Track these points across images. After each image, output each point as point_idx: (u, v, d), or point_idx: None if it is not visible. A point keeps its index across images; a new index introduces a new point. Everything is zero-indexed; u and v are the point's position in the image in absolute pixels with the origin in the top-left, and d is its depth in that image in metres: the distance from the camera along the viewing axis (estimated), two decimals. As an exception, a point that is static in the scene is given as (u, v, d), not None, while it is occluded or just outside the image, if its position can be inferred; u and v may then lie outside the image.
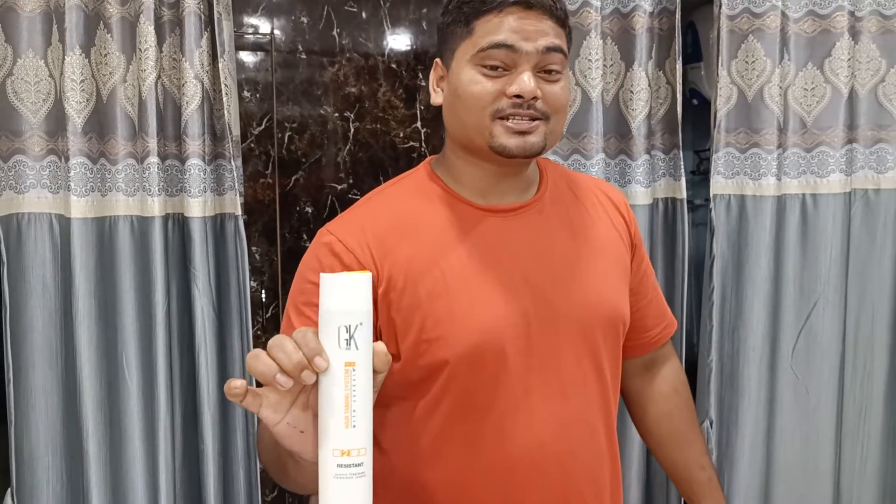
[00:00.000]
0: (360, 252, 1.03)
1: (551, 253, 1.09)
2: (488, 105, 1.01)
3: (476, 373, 1.03)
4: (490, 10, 1.00)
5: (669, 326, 1.31)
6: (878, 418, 1.95)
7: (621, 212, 1.20)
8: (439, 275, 1.03)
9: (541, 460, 1.06)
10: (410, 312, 1.02)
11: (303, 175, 3.04)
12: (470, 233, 1.06)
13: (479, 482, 1.06)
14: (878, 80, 1.86)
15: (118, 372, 1.57)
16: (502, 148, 1.02)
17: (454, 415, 1.05)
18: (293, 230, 3.07)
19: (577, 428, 1.08)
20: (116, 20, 1.52)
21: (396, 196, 1.12)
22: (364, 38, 3.04)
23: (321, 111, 3.02)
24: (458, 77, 1.04)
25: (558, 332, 1.06)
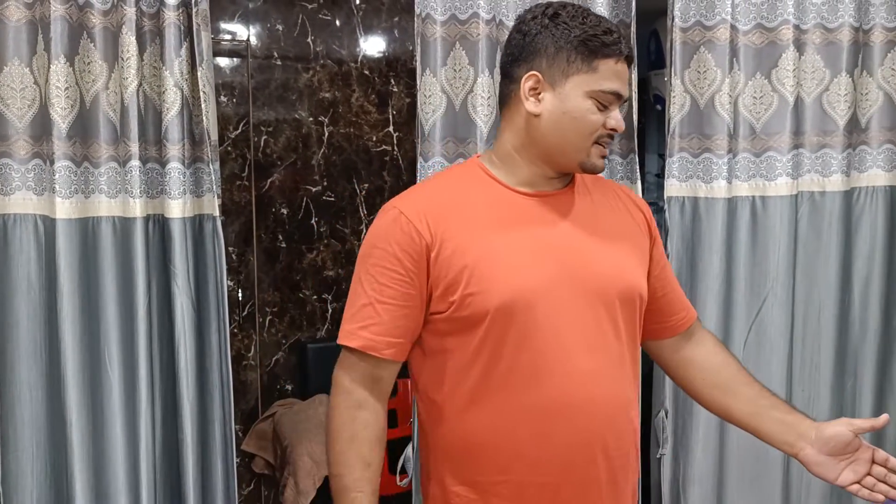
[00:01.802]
0: (418, 222, 1.22)
1: (579, 232, 1.28)
2: (594, 133, 1.23)
3: (509, 324, 1.20)
4: (611, 56, 1.21)
5: (691, 313, 1.46)
6: (825, 408, 2.06)
7: (641, 209, 1.39)
8: (483, 242, 1.22)
9: (567, 407, 1.22)
10: (459, 272, 1.21)
11: (278, 177, 3.12)
12: (510, 211, 1.26)
13: (513, 423, 1.22)
14: (823, 89, 1.97)
15: (101, 366, 1.64)
16: (593, 167, 1.26)
17: (491, 362, 1.21)
18: (269, 231, 3.14)
19: (599, 380, 1.24)
20: (99, 30, 1.59)
21: (448, 180, 1.34)
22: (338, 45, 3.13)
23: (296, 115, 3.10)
24: (575, 103, 1.22)
25: (581, 297, 1.24)
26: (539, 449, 1.22)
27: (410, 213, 1.23)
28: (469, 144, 1.81)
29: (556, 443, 1.22)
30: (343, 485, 1.22)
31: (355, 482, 1.22)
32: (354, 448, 1.22)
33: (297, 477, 2.55)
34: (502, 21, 1.80)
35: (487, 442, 1.23)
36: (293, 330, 3.21)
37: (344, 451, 1.23)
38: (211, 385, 1.74)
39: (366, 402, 1.24)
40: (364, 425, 1.23)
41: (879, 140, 2.01)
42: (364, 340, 1.22)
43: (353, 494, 1.21)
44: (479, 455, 1.24)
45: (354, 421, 1.23)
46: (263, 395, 3.18)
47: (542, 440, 1.22)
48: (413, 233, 1.21)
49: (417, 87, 1.79)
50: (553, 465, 1.23)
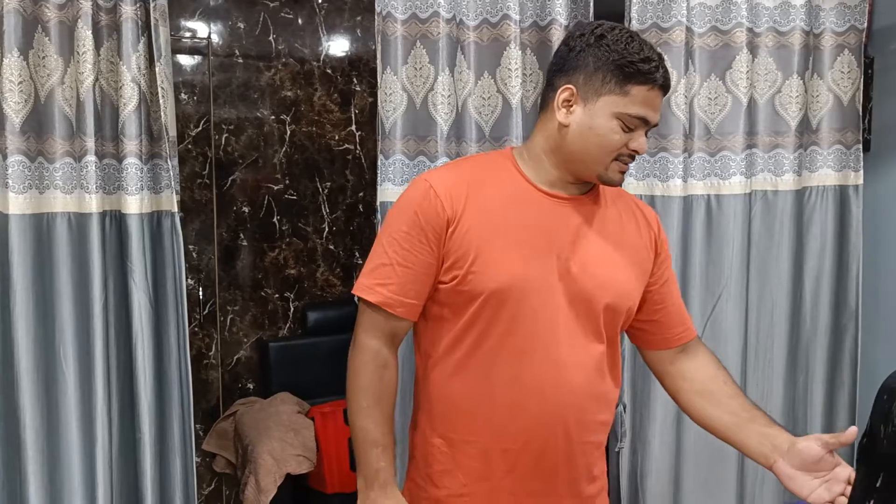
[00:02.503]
0: (444, 196, 1.32)
1: (585, 238, 1.36)
2: (615, 151, 1.31)
3: (501, 308, 1.31)
4: (645, 84, 1.28)
5: (691, 330, 1.51)
6: (779, 402, 2.11)
7: (651, 226, 1.46)
8: (495, 228, 1.32)
9: (541, 390, 1.33)
10: (468, 248, 1.31)
11: (240, 176, 3.10)
12: (527, 205, 1.35)
13: (490, 395, 1.34)
14: (775, 91, 2.02)
15: (55, 364, 1.62)
16: (610, 181, 1.34)
17: (481, 338, 1.33)
18: (230, 229, 3.12)
19: (574, 372, 1.34)
20: (54, 24, 1.57)
21: (480, 164, 1.43)
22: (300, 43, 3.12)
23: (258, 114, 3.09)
24: (601, 121, 1.30)
25: (572, 297, 1.34)
26: (508, 421, 1.34)
27: (439, 187, 1.33)
28: (429, 142, 1.82)
29: (524, 418, 1.34)
30: (372, 438, 1.35)
31: (383, 435, 1.35)
32: (382, 406, 1.35)
33: (258, 475, 2.54)
34: (462, 20, 1.82)
35: (465, 406, 1.35)
36: (255, 329, 3.19)
37: (372, 406, 1.35)
38: (169, 383, 1.72)
39: (389, 362, 1.37)
40: (388, 384, 1.37)
41: (829, 141, 2.07)
42: (381, 297, 1.34)
43: (381, 448, 1.35)
44: (456, 416, 1.37)
45: (381, 380, 1.36)
46: (225, 395, 3.16)
47: (512, 414, 1.34)
48: (438, 206, 1.31)
49: (378, 85, 1.80)
50: (518, 436, 1.34)
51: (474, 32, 1.83)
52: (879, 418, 1.13)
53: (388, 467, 1.35)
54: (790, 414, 2.14)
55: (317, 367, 3.00)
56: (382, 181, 1.82)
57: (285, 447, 2.61)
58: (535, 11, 1.85)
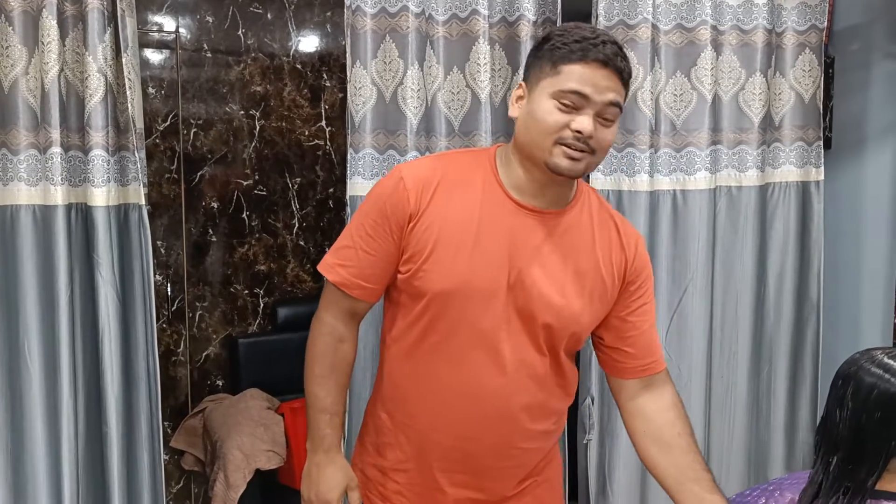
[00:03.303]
0: (412, 190, 1.33)
1: (543, 253, 1.35)
2: (555, 132, 1.27)
3: (445, 310, 1.34)
4: (576, 61, 1.26)
5: (658, 363, 1.47)
6: (743, 393, 2.16)
7: (626, 253, 1.43)
8: (455, 230, 1.33)
9: (472, 392, 1.36)
10: (424, 244, 1.33)
11: (208, 171, 3.07)
12: (493, 211, 1.34)
13: (428, 385, 1.38)
14: (739, 88, 2.06)
15: (20, 358, 1.60)
16: (556, 166, 1.29)
17: (427, 331, 1.36)
18: (199, 225, 3.10)
19: (508, 381, 1.36)
20: (18, 13, 1.56)
21: (458, 161, 1.41)
22: (269, 38, 3.10)
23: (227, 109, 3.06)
24: (538, 104, 1.29)
25: (516, 312, 1.34)
26: (441, 416, 1.39)
27: (409, 180, 1.34)
28: (399, 136, 1.83)
29: (456, 417, 1.38)
30: (322, 405, 1.42)
31: (333, 404, 1.43)
32: (335, 376, 1.42)
33: (227, 471, 2.52)
34: (431, 15, 1.83)
35: (407, 390, 1.41)
36: (224, 325, 3.17)
37: (325, 375, 1.41)
38: (137, 378, 1.71)
39: (345, 336, 1.43)
40: (343, 357, 1.43)
41: (791, 138, 2.11)
42: (339, 277, 1.38)
43: (329, 416, 1.42)
44: (399, 397, 1.42)
45: (336, 352, 1.42)
46: (193, 391, 3.13)
47: (445, 410, 1.38)
48: (404, 199, 1.33)
49: (348, 79, 1.80)
50: (449, 431, 1.39)
51: (443, 27, 1.84)
52: (835, 403, 1.17)
53: (333, 434, 1.43)
54: (754, 406, 2.18)
55: (287, 364, 2.98)
56: (352, 175, 1.82)
57: (255, 442, 2.59)
58: (503, 7, 1.87)
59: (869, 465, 1.11)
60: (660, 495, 2.07)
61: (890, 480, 1.12)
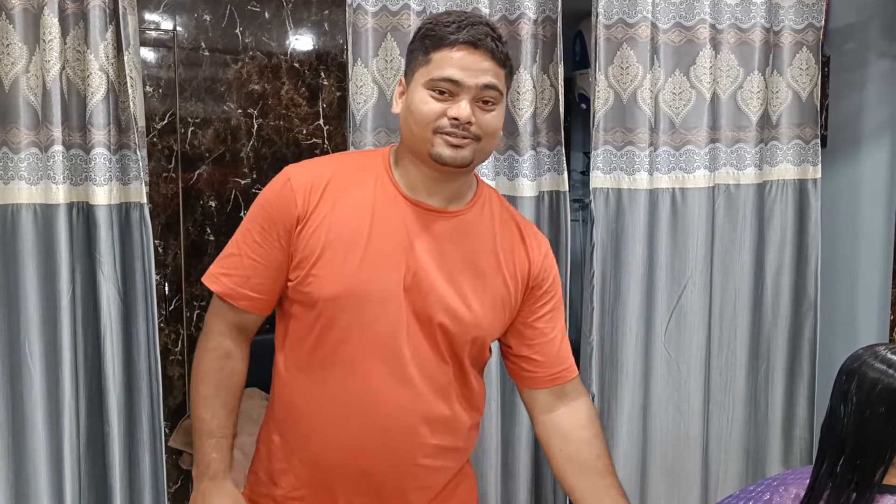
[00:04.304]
0: (299, 192, 1.27)
1: (440, 255, 1.29)
2: (432, 122, 1.23)
3: (337, 316, 1.26)
4: (445, 46, 1.23)
5: (569, 371, 1.42)
6: (741, 390, 2.17)
7: (530, 257, 1.38)
8: (344, 232, 1.26)
9: (368, 406, 1.28)
10: (313, 248, 1.26)
11: (206, 170, 3.06)
12: (386, 211, 1.28)
13: (320, 401, 1.30)
14: (737, 87, 2.07)
15: (21, 358, 1.59)
16: (438, 156, 1.24)
17: (318, 342, 1.28)
18: (196, 224, 3.08)
19: (407, 392, 1.28)
20: (19, 11, 1.55)
21: (350, 162, 1.37)
22: (267, 37, 3.10)
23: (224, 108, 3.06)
24: (414, 95, 1.26)
25: (413, 315, 1.28)
26: (333, 433, 1.30)
27: (297, 182, 1.28)
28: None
29: (348, 433, 1.30)
30: (207, 429, 1.32)
31: (219, 427, 1.33)
32: (221, 395, 1.32)
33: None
34: (433, 12, 1.83)
35: (299, 408, 1.32)
36: (222, 325, 3.16)
37: (210, 395, 1.32)
38: (138, 377, 1.71)
39: (233, 352, 1.33)
40: (230, 374, 1.33)
41: (789, 136, 2.12)
42: (224, 287, 1.31)
43: (215, 439, 1.32)
44: (290, 416, 1.34)
45: (222, 370, 1.32)
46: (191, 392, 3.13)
47: (336, 425, 1.30)
48: (291, 202, 1.27)
49: (349, 77, 1.80)
50: (339, 450, 1.30)
51: (444, 26, 1.84)
52: (839, 398, 1.17)
53: (220, 459, 1.33)
54: (752, 402, 2.19)
55: (285, 363, 2.98)
56: (353, 173, 1.82)
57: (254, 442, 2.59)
58: (504, 5, 1.87)
59: (875, 459, 1.12)
60: (659, 494, 2.09)
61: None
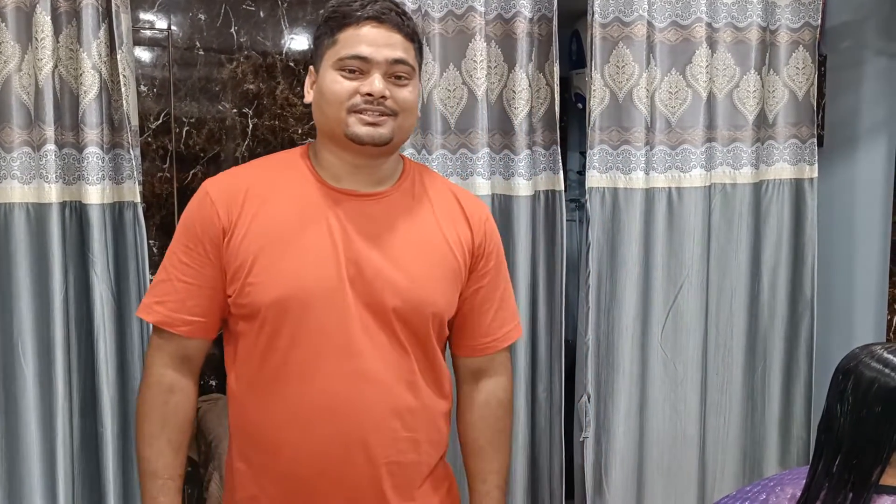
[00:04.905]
0: (219, 203, 1.23)
1: (378, 238, 1.25)
2: (345, 101, 1.20)
3: (283, 320, 1.21)
4: (349, 24, 1.20)
5: (500, 341, 1.38)
6: (738, 390, 2.16)
7: (471, 225, 1.33)
8: (274, 234, 1.22)
9: (329, 407, 1.22)
10: (245, 258, 1.21)
11: (201, 170, 3.05)
12: (313, 205, 1.24)
13: (279, 416, 1.23)
14: (733, 86, 2.07)
15: (14, 358, 1.58)
16: (355, 135, 1.21)
17: (267, 354, 1.23)
18: (192, 224, 3.08)
19: (368, 386, 1.22)
20: (11, 10, 1.54)
21: (268, 165, 1.32)
22: (262, 36, 3.09)
23: (219, 107, 3.05)
24: (324, 78, 1.23)
25: (363, 304, 1.22)
26: (299, 444, 1.23)
27: (215, 194, 1.24)
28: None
29: (315, 441, 1.23)
30: (152, 469, 1.25)
31: (165, 467, 1.25)
32: (166, 433, 1.25)
33: (223, 471, 2.51)
34: (427, 12, 1.82)
35: (259, 428, 1.25)
36: (217, 325, 3.15)
37: (155, 434, 1.25)
38: (132, 377, 1.69)
39: (176, 386, 1.27)
40: (175, 410, 1.26)
41: (785, 135, 2.12)
42: (159, 316, 1.25)
43: (161, 480, 1.25)
44: (252, 437, 1.26)
45: (166, 405, 1.26)
46: (186, 393, 3.11)
47: (302, 436, 1.23)
48: (213, 215, 1.22)
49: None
50: (311, 461, 1.23)
51: (439, 24, 1.84)
52: (836, 398, 1.17)
53: (167, 502, 1.25)
54: (749, 401, 2.18)
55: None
56: (348, 172, 1.81)
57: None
58: (499, 4, 1.86)
59: (872, 459, 1.11)
60: (656, 494, 2.08)
61: (894, 474, 1.12)
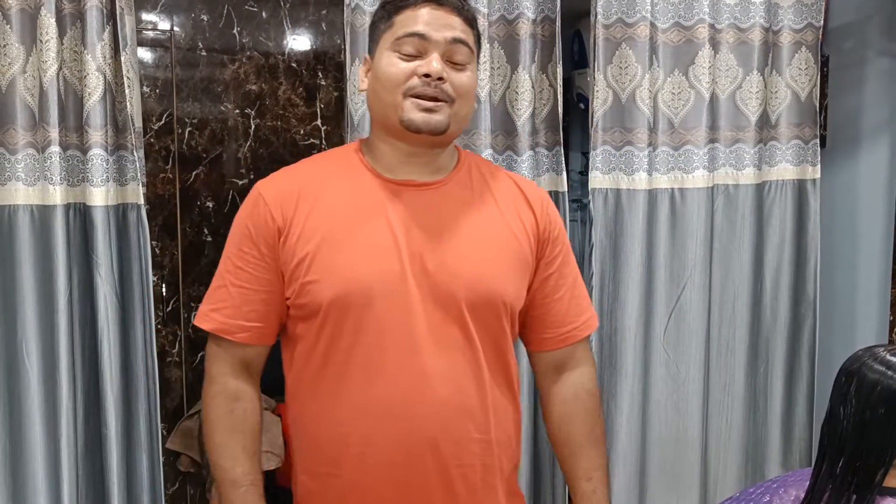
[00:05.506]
0: (273, 204, 1.21)
1: (440, 228, 1.20)
2: (402, 83, 1.17)
3: (345, 317, 1.17)
4: (407, 6, 1.18)
5: (580, 329, 1.32)
6: (740, 391, 2.16)
7: (533, 209, 1.28)
8: (331, 230, 1.19)
9: (395, 407, 1.17)
10: (302, 256, 1.18)
11: (203, 170, 3.06)
12: (370, 198, 1.21)
13: (342, 418, 1.19)
14: (736, 87, 2.07)
15: (18, 359, 1.58)
16: (410, 122, 1.17)
17: (328, 354, 1.19)
18: (194, 224, 3.08)
19: (437, 383, 1.17)
20: (16, 12, 1.54)
21: (320, 162, 1.31)
22: (264, 37, 3.09)
23: (222, 108, 3.05)
24: (379, 62, 1.20)
25: (429, 297, 1.18)
26: (364, 449, 1.19)
27: (269, 195, 1.22)
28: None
29: (381, 444, 1.18)
30: (231, 478, 1.22)
31: (245, 475, 1.22)
32: (237, 440, 1.22)
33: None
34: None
35: (322, 434, 1.21)
36: (219, 326, 3.15)
37: (226, 442, 1.22)
38: (135, 379, 1.70)
39: (241, 392, 1.24)
40: (243, 417, 1.24)
41: (788, 136, 2.12)
42: (216, 323, 1.22)
43: (244, 488, 1.22)
44: (315, 446, 1.23)
45: (233, 413, 1.23)
46: (189, 393, 3.12)
47: (367, 440, 1.18)
48: (268, 216, 1.20)
49: (347, 77, 1.79)
50: (378, 467, 1.18)
51: (443, 26, 1.83)
52: (839, 400, 1.17)
53: None
54: (751, 402, 2.19)
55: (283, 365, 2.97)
56: (351, 174, 1.81)
57: (252, 443, 2.58)
58: (502, 5, 1.86)
59: (875, 461, 1.11)
60: (658, 495, 2.08)
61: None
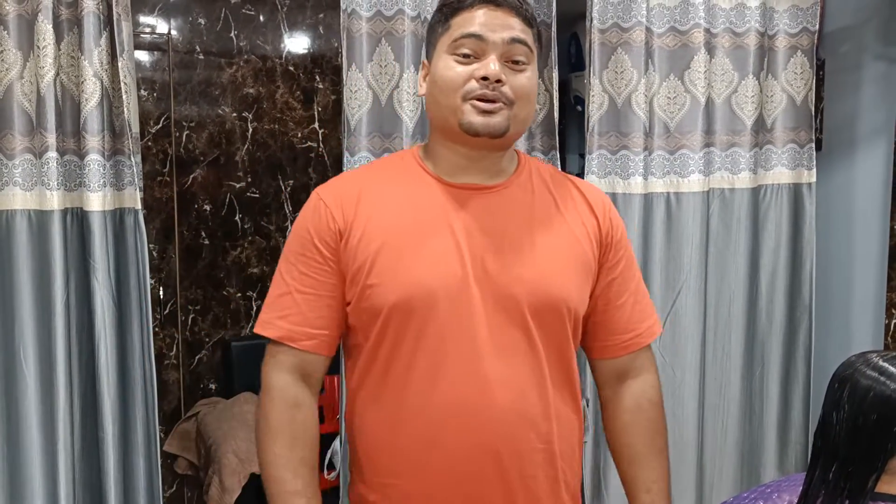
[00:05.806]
0: (334, 207, 1.20)
1: (502, 232, 1.19)
2: (460, 87, 1.16)
3: (408, 322, 1.15)
4: (464, 8, 1.17)
5: (643, 336, 1.30)
6: (736, 394, 2.17)
7: (596, 213, 1.27)
8: (392, 234, 1.18)
9: (458, 414, 1.14)
10: (364, 258, 1.17)
11: (201, 173, 3.07)
12: (431, 202, 1.20)
13: (403, 425, 1.17)
14: (732, 91, 2.07)
15: (15, 363, 1.59)
16: (469, 125, 1.15)
17: (390, 359, 1.17)
18: (191, 228, 3.09)
19: (500, 390, 1.15)
20: (13, 18, 1.55)
21: (378, 167, 1.31)
22: (262, 40, 3.10)
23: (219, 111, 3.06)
24: (436, 66, 1.19)
25: (491, 301, 1.16)
26: (425, 455, 1.16)
27: (329, 199, 1.21)
28: (395, 139, 1.83)
29: (442, 452, 1.15)
30: (293, 489, 1.17)
31: (306, 486, 1.18)
32: (297, 451, 1.18)
33: (222, 475, 2.52)
34: (427, 18, 1.83)
35: (381, 442, 1.19)
36: (217, 328, 3.16)
37: (285, 454, 1.18)
38: (133, 382, 1.70)
39: (302, 401, 1.20)
40: (303, 427, 1.20)
41: (783, 140, 2.13)
42: (282, 331, 1.19)
43: (305, 499, 1.17)
44: (374, 455, 1.20)
45: (294, 422, 1.19)
46: (186, 396, 3.13)
47: (428, 446, 1.16)
48: (329, 219, 1.19)
49: (343, 82, 1.80)
50: (439, 474, 1.16)
51: (439, 31, 1.84)
52: (832, 406, 1.18)
53: None
54: (747, 406, 2.19)
55: (280, 366, 2.97)
56: (348, 178, 1.81)
57: (250, 447, 2.59)
58: (498, 11, 1.87)
59: (867, 467, 1.12)
60: (655, 496, 2.09)
61: (889, 482, 1.13)
